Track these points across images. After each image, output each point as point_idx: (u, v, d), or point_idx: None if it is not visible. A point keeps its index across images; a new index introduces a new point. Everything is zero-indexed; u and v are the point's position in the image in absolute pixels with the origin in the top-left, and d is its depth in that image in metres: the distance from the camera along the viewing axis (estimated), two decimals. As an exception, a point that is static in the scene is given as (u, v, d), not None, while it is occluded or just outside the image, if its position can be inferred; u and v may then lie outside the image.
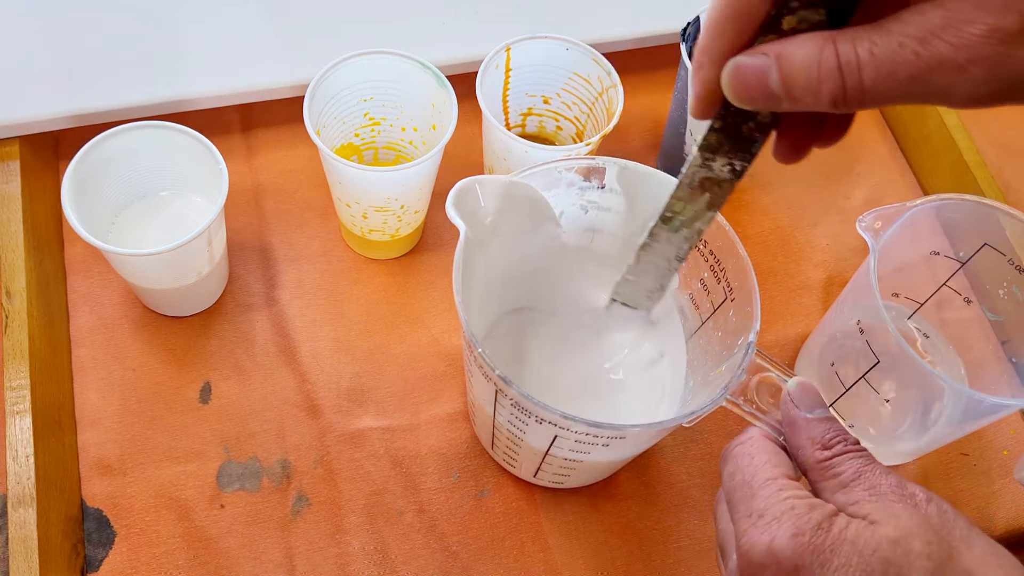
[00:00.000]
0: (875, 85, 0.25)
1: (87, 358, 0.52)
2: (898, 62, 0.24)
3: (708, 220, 0.36)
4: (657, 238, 0.38)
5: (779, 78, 0.26)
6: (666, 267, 0.40)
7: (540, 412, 0.38)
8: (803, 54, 0.26)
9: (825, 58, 0.25)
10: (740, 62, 0.27)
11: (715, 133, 0.31)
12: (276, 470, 0.50)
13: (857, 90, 0.25)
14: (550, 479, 0.48)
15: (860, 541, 0.29)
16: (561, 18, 0.60)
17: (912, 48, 0.24)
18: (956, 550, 0.29)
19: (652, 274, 0.41)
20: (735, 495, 0.33)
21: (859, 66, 0.25)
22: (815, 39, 0.26)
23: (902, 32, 0.24)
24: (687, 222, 0.36)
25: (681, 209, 0.36)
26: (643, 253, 0.39)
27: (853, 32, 0.25)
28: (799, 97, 0.26)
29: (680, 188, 0.35)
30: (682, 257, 0.39)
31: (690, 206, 0.35)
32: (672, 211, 0.36)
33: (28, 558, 0.43)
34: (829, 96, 0.26)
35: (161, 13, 0.56)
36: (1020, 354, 0.52)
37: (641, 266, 0.40)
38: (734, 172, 0.33)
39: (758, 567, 0.30)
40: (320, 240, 0.58)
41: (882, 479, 0.31)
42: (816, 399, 0.35)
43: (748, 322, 0.40)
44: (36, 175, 0.56)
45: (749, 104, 0.28)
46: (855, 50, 0.25)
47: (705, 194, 0.34)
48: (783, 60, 0.26)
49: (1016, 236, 0.48)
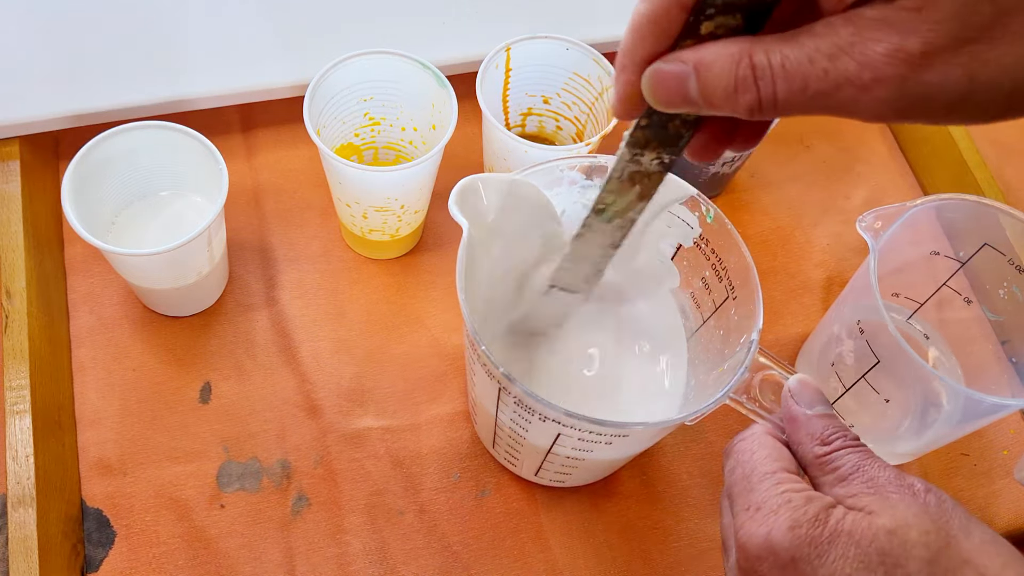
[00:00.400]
0: (788, 98, 0.25)
1: (87, 358, 0.52)
2: (808, 76, 0.25)
3: (640, 209, 0.37)
4: (591, 228, 0.39)
5: (697, 86, 0.27)
6: (601, 254, 0.40)
7: (543, 410, 0.38)
8: (720, 64, 0.26)
9: (742, 69, 0.26)
10: (659, 68, 0.28)
11: (642, 130, 0.32)
12: (276, 470, 0.50)
13: (771, 102, 0.26)
14: (551, 478, 0.48)
15: (857, 532, 0.29)
16: (561, 18, 0.60)
17: (821, 64, 0.25)
18: (954, 539, 0.29)
19: (588, 261, 0.41)
20: (735, 489, 0.33)
21: (773, 79, 0.25)
22: (731, 48, 0.26)
23: (813, 47, 0.25)
24: (619, 212, 0.37)
25: (612, 201, 0.36)
26: (577, 243, 0.40)
27: (768, 42, 0.26)
28: (717, 105, 0.27)
29: (610, 182, 0.35)
30: (617, 244, 0.40)
31: (620, 198, 0.36)
32: (604, 203, 0.37)
33: (28, 558, 0.43)
34: (745, 106, 0.26)
35: (161, 13, 0.56)
36: (1020, 354, 0.52)
37: (576, 254, 0.41)
38: (663, 165, 0.33)
39: (755, 559, 0.30)
40: (320, 240, 0.58)
41: (880, 472, 0.31)
42: (816, 396, 0.35)
43: (750, 320, 0.40)
44: (36, 175, 0.56)
45: (669, 108, 0.28)
46: (769, 62, 0.25)
47: (635, 186, 0.35)
48: (701, 68, 0.27)
49: (1016, 236, 0.48)
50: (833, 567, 0.29)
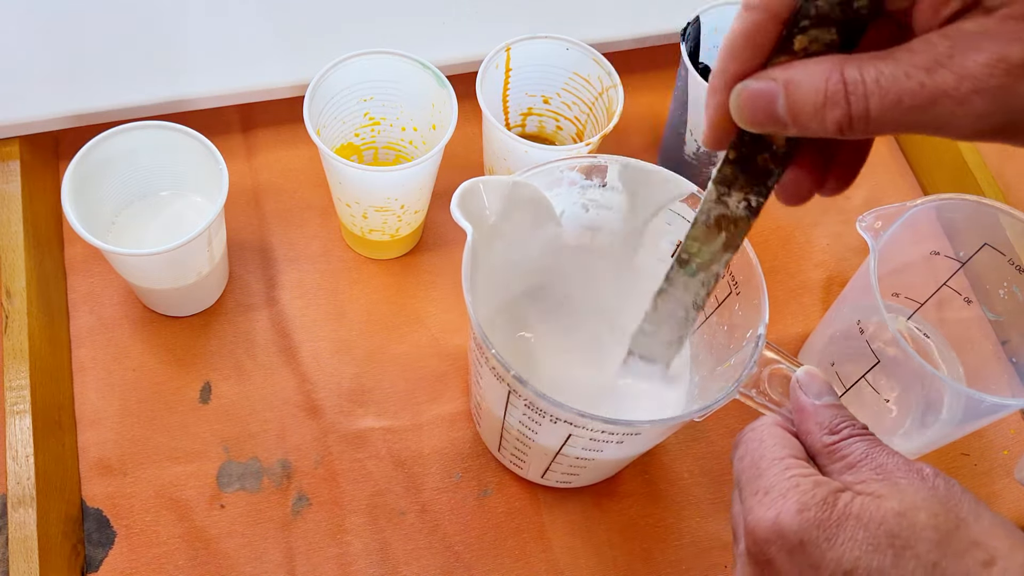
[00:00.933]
0: (880, 114, 0.25)
1: (87, 358, 0.52)
2: (903, 91, 0.24)
3: (725, 263, 0.35)
4: (674, 283, 0.37)
5: (785, 103, 0.26)
6: (684, 316, 0.39)
7: (555, 411, 0.38)
8: (810, 80, 0.26)
9: (832, 84, 0.25)
10: (747, 85, 0.27)
11: (730, 165, 0.31)
12: (276, 470, 0.50)
13: (862, 118, 0.25)
14: (558, 479, 0.48)
15: (865, 515, 0.29)
16: (561, 18, 0.60)
17: (918, 79, 0.24)
18: (963, 521, 0.29)
19: (670, 323, 0.39)
20: (743, 476, 0.33)
21: (865, 94, 0.25)
22: (823, 64, 0.26)
23: (909, 61, 0.24)
24: (703, 264, 0.36)
25: (697, 250, 0.35)
26: (660, 300, 0.38)
27: (861, 58, 0.25)
28: (804, 122, 0.26)
29: (696, 227, 0.34)
30: (700, 304, 0.38)
31: (706, 247, 0.35)
32: (688, 252, 0.35)
33: (28, 558, 0.43)
34: (834, 123, 0.26)
35: (161, 13, 0.56)
36: (1020, 354, 0.52)
37: (659, 314, 0.39)
38: (750, 209, 0.32)
39: (764, 542, 0.30)
40: (320, 240, 0.58)
41: (888, 459, 0.31)
42: (824, 387, 0.35)
43: (756, 315, 0.40)
44: (36, 175, 0.56)
45: (756, 127, 0.28)
46: (862, 77, 0.25)
47: (721, 233, 0.34)
48: (791, 85, 0.26)
49: (1016, 236, 0.48)
50: (842, 549, 0.29)
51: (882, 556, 0.28)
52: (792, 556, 0.29)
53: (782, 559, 0.30)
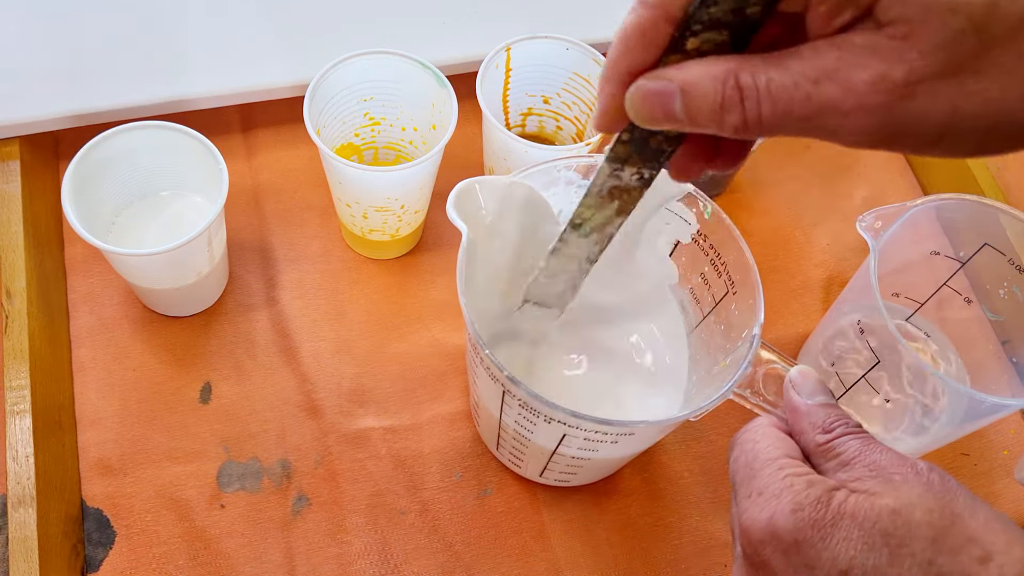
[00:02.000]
0: (772, 120, 0.25)
1: (87, 358, 0.52)
2: (792, 100, 0.25)
3: (619, 225, 0.36)
4: (567, 243, 0.39)
5: (682, 104, 0.27)
6: (577, 269, 0.40)
7: (549, 411, 0.38)
8: (707, 83, 0.26)
9: (728, 89, 0.26)
10: (643, 85, 0.27)
11: (623, 145, 0.31)
12: (276, 470, 0.50)
13: (756, 122, 0.26)
14: (556, 478, 0.48)
15: (860, 513, 0.29)
16: (561, 18, 0.60)
17: (805, 89, 0.24)
18: (959, 517, 0.29)
19: (563, 276, 0.41)
20: (738, 476, 0.33)
21: (759, 100, 0.25)
22: (718, 67, 0.26)
23: (799, 70, 0.25)
24: (597, 227, 0.37)
25: (591, 216, 0.36)
26: (553, 257, 0.40)
27: (754, 63, 0.25)
28: (703, 123, 0.27)
29: (589, 196, 0.35)
30: (593, 259, 0.39)
31: (599, 213, 0.36)
32: (581, 218, 0.37)
33: (28, 558, 0.43)
34: (731, 125, 0.26)
35: (161, 13, 0.56)
36: (1020, 354, 0.52)
37: (552, 269, 0.41)
38: (642, 180, 0.33)
39: (759, 543, 0.30)
40: (320, 240, 0.58)
41: (882, 456, 0.31)
42: (817, 386, 0.35)
43: (751, 315, 0.40)
44: (36, 175, 0.56)
45: (652, 125, 0.28)
46: (755, 83, 0.25)
47: (614, 201, 0.35)
48: (687, 87, 0.26)
49: (1016, 236, 0.48)
50: (837, 549, 0.29)
51: (877, 555, 0.28)
52: (787, 556, 0.29)
53: (777, 560, 0.30)
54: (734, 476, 0.34)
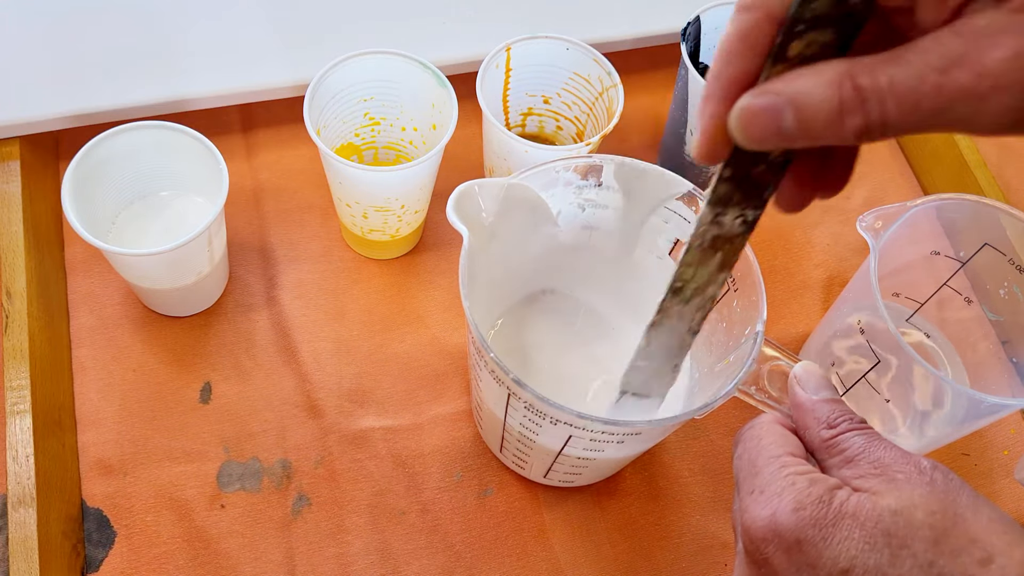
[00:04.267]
0: (899, 119, 0.24)
1: (87, 358, 0.52)
2: (920, 95, 0.24)
3: (720, 283, 0.33)
4: (668, 313, 0.35)
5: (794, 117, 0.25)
6: (678, 345, 0.36)
7: (555, 413, 0.38)
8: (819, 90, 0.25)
9: (845, 92, 0.24)
10: (749, 103, 0.26)
11: (725, 183, 0.29)
12: (277, 470, 0.50)
13: (880, 124, 0.24)
14: (560, 479, 0.48)
15: (861, 513, 0.29)
16: (561, 18, 0.60)
17: (933, 80, 0.23)
18: (961, 517, 0.29)
19: (664, 355, 0.37)
20: (741, 474, 0.33)
21: (881, 100, 0.24)
22: (828, 72, 0.25)
23: (922, 63, 0.24)
24: (699, 289, 0.34)
25: (692, 276, 0.33)
26: (654, 333, 0.36)
27: (869, 63, 0.24)
28: (818, 134, 0.25)
29: (690, 252, 0.32)
30: (695, 330, 0.36)
31: (701, 270, 0.33)
32: (682, 280, 0.33)
33: (28, 558, 0.43)
34: (853, 130, 0.25)
35: (161, 13, 0.56)
36: (1020, 354, 0.52)
37: (652, 347, 0.37)
38: (746, 224, 0.30)
39: (760, 541, 0.30)
40: (320, 240, 0.58)
41: (885, 453, 0.31)
42: (821, 382, 0.35)
43: (754, 312, 0.40)
44: (36, 175, 0.56)
45: (760, 145, 0.26)
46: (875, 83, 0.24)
47: (717, 254, 0.32)
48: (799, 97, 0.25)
49: (1017, 236, 0.48)
50: (838, 548, 0.29)
51: (879, 555, 0.28)
52: (789, 555, 0.29)
53: (779, 558, 0.30)
54: (737, 473, 0.34)
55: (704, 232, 0.31)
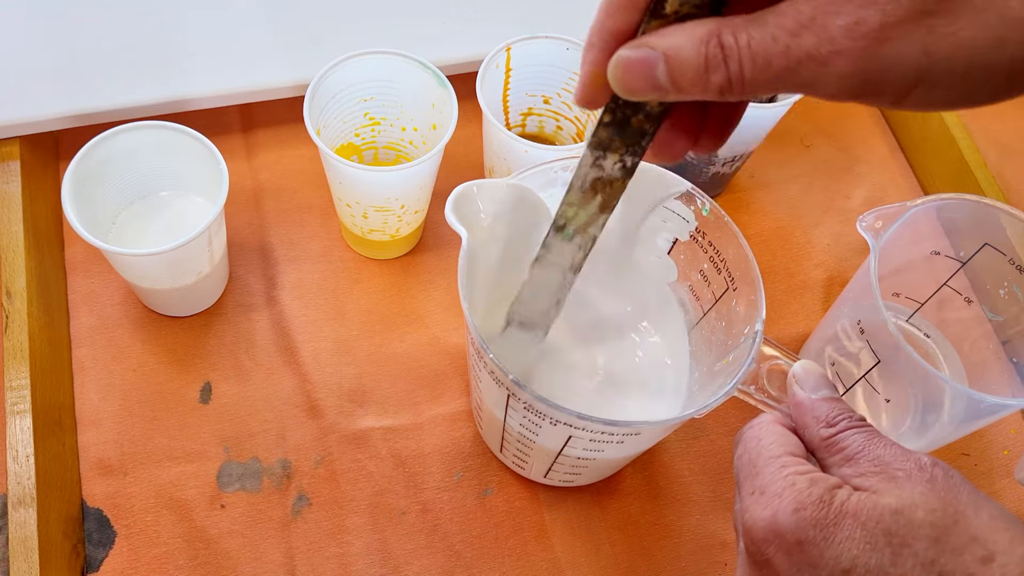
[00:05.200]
0: (753, 77, 0.25)
1: (87, 358, 0.52)
2: (772, 55, 0.25)
3: (601, 225, 0.36)
4: (551, 249, 0.37)
5: (666, 70, 0.27)
6: (561, 280, 0.39)
7: (555, 414, 0.38)
8: (690, 47, 0.26)
9: (711, 48, 0.26)
10: (625, 55, 0.27)
11: (605, 128, 0.31)
12: (277, 470, 0.50)
13: (739, 81, 0.26)
14: (560, 479, 0.48)
15: (862, 513, 0.29)
16: (561, 18, 0.60)
17: (784, 42, 0.25)
18: (962, 515, 0.29)
19: (547, 290, 0.40)
20: (741, 474, 0.33)
21: (739, 58, 0.25)
22: (699, 30, 0.26)
23: (776, 24, 0.25)
24: (580, 228, 0.36)
25: (574, 215, 0.35)
26: (537, 267, 0.39)
27: (734, 23, 0.26)
28: (687, 88, 0.27)
29: (571, 192, 0.34)
30: (577, 267, 0.38)
31: (583, 210, 0.35)
32: (564, 218, 0.36)
33: (28, 558, 0.43)
34: (716, 86, 0.26)
35: (161, 13, 0.56)
36: (1020, 354, 0.52)
37: (535, 281, 0.40)
38: (625, 169, 0.33)
39: (761, 542, 0.30)
40: (320, 240, 0.58)
41: (886, 451, 0.31)
42: (821, 380, 0.35)
43: (753, 311, 0.40)
44: (36, 175, 0.56)
45: (636, 96, 0.28)
46: (736, 41, 0.25)
47: (597, 196, 0.34)
48: (670, 52, 0.26)
49: (1017, 236, 0.48)
50: (839, 548, 0.29)
51: (880, 554, 0.28)
52: (790, 555, 0.29)
53: (780, 558, 0.30)
54: (738, 473, 0.34)
55: (585, 174, 0.33)
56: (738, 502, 0.33)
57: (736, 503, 0.34)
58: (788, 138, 0.66)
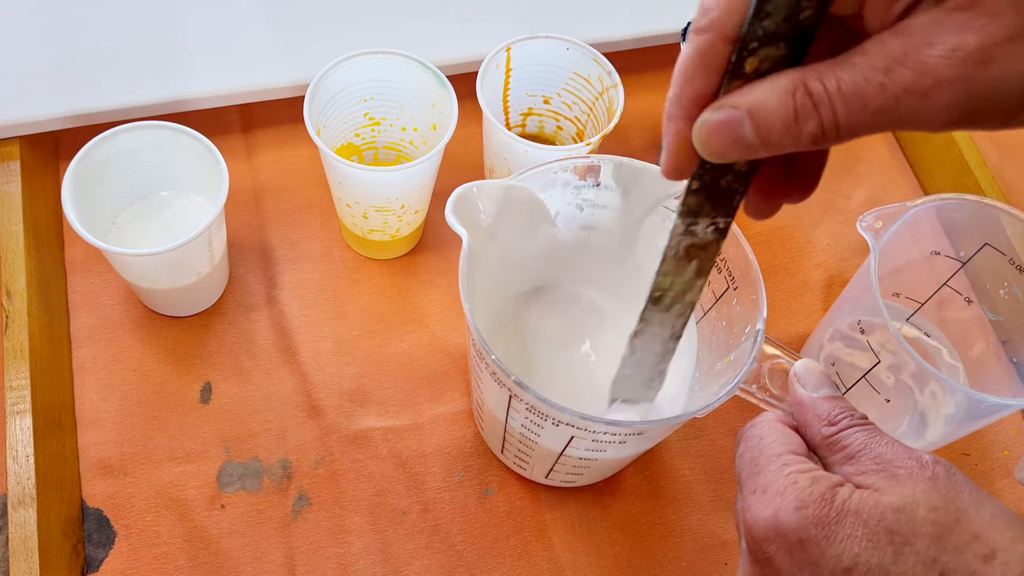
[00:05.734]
0: (849, 120, 0.25)
1: (87, 358, 0.52)
2: (866, 95, 0.24)
3: (699, 289, 0.34)
4: (649, 322, 0.36)
5: (752, 127, 0.26)
6: (662, 350, 0.38)
7: (557, 414, 0.38)
8: (775, 99, 0.26)
9: (799, 98, 0.25)
10: (709, 118, 0.27)
11: (694, 195, 0.30)
12: (277, 470, 0.50)
13: (833, 127, 0.25)
14: (562, 479, 0.48)
15: (864, 511, 0.29)
16: (561, 18, 0.60)
17: (877, 80, 0.24)
18: (964, 513, 0.29)
19: (649, 361, 0.39)
20: (743, 473, 0.33)
21: (831, 103, 0.25)
22: (782, 81, 0.26)
23: (866, 64, 0.24)
24: (677, 296, 0.35)
25: (669, 285, 0.34)
26: (637, 341, 0.38)
27: (818, 69, 0.25)
28: (776, 142, 0.26)
29: (665, 263, 0.33)
30: (678, 335, 0.37)
31: (678, 279, 0.34)
32: (661, 289, 0.35)
33: (28, 558, 0.43)
34: (809, 135, 0.26)
35: (161, 13, 0.56)
36: (1020, 354, 0.52)
37: (637, 355, 0.39)
38: (719, 232, 0.31)
39: (763, 540, 0.30)
40: (320, 240, 0.58)
41: (887, 448, 0.31)
42: (821, 379, 0.35)
43: (753, 310, 0.40)
44: (36, 175, 0.56)
45: (724, 158, 0.27)
46: (824, 87, 0.25)
47: (692, 262, 0.33)
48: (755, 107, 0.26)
49: (1017, 236, 0.48)
50: (841, 547, 0.29)
51: (882, 552, 0.28)
52: (791, 554, 0.29)
53: (781, 557, 0.30)
54: (739, 472, 0.34)
55: (678, 243, 0.32)
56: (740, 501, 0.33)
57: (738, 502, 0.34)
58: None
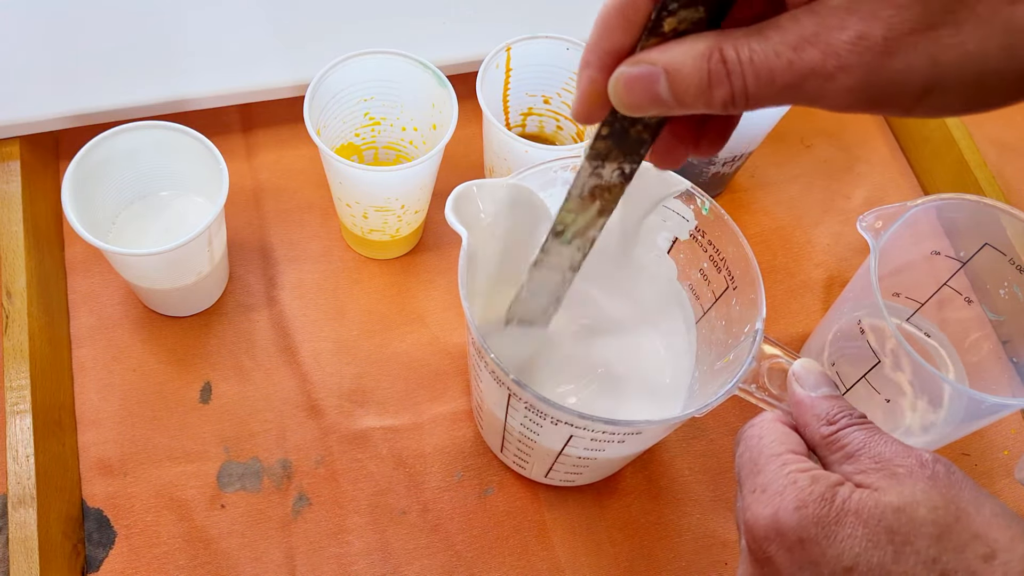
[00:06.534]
0: (757, 91, 0.25)
1: (87, 358, 0.52)
2: (775, 71, 0.25)
3: (600, 227, 0.36)
4: (549, 252, 0.38)
5: (668, 86, 0.27)
6: (560, 280, 0.40)
7: (556, 413, 0.38)
8: (692, 61, 0.26)
9: (714, 64, 0.26)
10: (626, 72, 0.27)
11: (603, 140, 0.31)
12: (277, 470, 0.50)
13: (743, 95, 0.26)
14: (561, 478, 0.48)
15: (864, 511, 0.29)
16: (561, 18, 0.60)
17: (787, 57, 0.25)
18: (964, 512, 0.29)
19: (546, 290, 0.41)
20: (743, 472, 0.33)
21: (743, 72, 0.25)
22: (699, 45, 0.26)
23: (779, 39, 0.25)
24: (579, 232, 0.37)
25: (572, 220, 0.36)
26: (536, 270, 0.39)
27: (735, 36, 0.26)
28: (690, 103, 0.27)
29: (570, 200, 0.35)
30: (576, 267, 0.39)
31: (581, 216, 0.36)
32: (563, 224, 0.36)
33: (28, 558, 0.43)
34: (720, 100, 0.26)
35: (161, 13, 0.56)
36: (1021, 354, 0.52)
37: (535, 283, 0.40)
38: (624, 176, 0.33)
39: (763, 540, 0.30)
40: (320, 240, 0.58)
41: (886, 447, 0.31)
42: (820, 378, 0.35)
43: (753, 310, 0.40)
44: (36, 175, 0.56)
45: (638, 112, 0.28)
46: (738, 56, 0.25)
47: (596, 202, 0.35)
48: (672, 68, 0.26)
49: (1017, 236, 0.48)
50: (841, 546, 0.29)
51: (882, 552, 0.28)
52: (791, 553, 0.29)
53: (781, 557, 0.30)
54: (739, 472, 0.34)
55: (583, 183, 0.34)
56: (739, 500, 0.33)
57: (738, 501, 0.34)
58: (788, 138, 0.66)
